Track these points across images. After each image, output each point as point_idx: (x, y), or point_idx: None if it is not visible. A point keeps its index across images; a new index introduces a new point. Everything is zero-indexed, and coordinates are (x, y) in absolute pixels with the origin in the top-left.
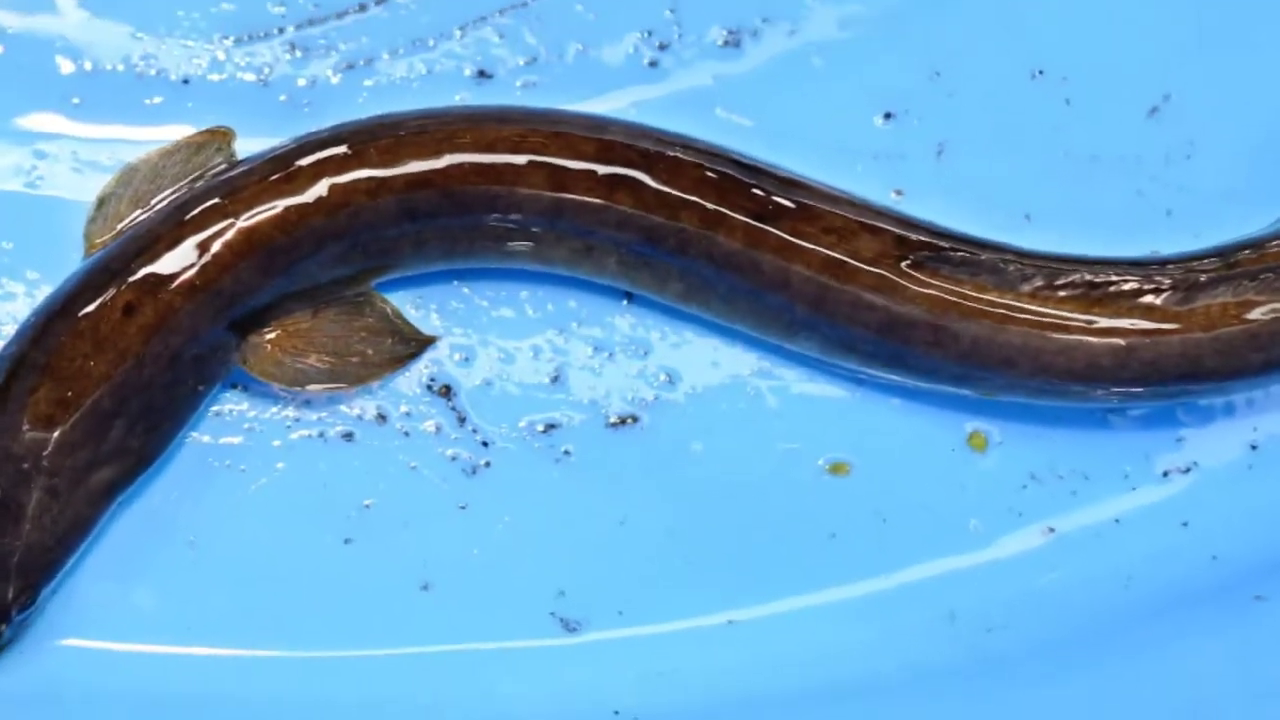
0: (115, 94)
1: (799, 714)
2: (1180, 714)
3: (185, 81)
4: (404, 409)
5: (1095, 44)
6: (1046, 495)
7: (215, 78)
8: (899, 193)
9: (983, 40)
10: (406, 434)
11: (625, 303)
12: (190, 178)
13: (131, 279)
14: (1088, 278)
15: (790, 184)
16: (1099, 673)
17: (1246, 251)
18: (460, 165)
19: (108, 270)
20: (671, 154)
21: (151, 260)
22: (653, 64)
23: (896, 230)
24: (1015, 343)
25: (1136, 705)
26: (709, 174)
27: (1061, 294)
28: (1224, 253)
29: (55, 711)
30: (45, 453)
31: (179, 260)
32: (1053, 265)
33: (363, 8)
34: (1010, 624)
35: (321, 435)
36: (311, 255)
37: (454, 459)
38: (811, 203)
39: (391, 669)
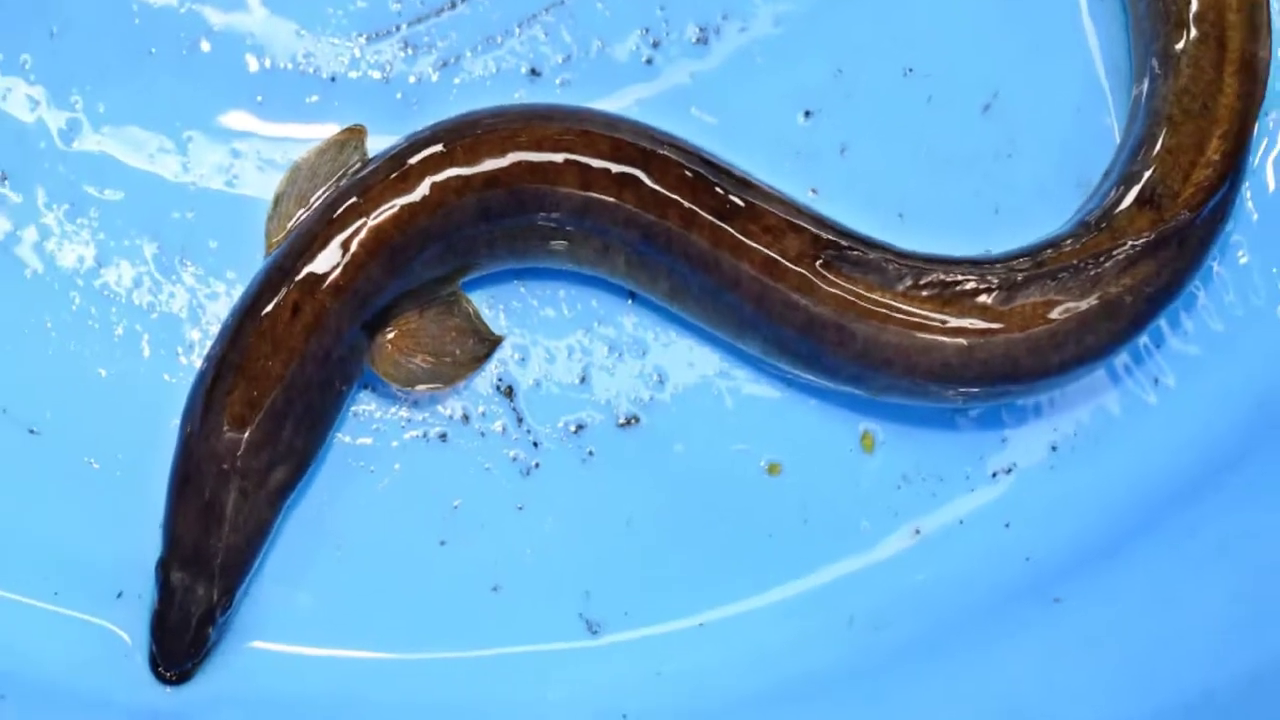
0: (286, 92)
1: (753, 716)
2: (997, 715)
3: (333, 79)
4: (481, 409)
5: (946, 41)
6: (914, 496)
7: (354, 75)
8: (814, 191)
9: (870, 37)
10: (483, 434)
11: (630, 302)
12: (337, 175)
13: (297, 278)
14: (941, 277)
15: (742, 183)
16: (946, 671)
17: (1049, 250)
18: (519, 163)
19: (281, 270)
20: (661, 152)
21: (310, 260)
22: (649, 61)
23: (812, 229)
24: (892, 341)
25: (970, 705)
26: (686, 173)
27: (924, 293)
28: (1034, 252)
29: (246, 713)
30: (239, 453)
31: (328, 260)
32: (919, 265)
33: (453, 4)
34: (892, 623)
35: (424, 435)
36: (419, 254)
37: (515, 460)
38: (755, 201)
39: (466, 671)
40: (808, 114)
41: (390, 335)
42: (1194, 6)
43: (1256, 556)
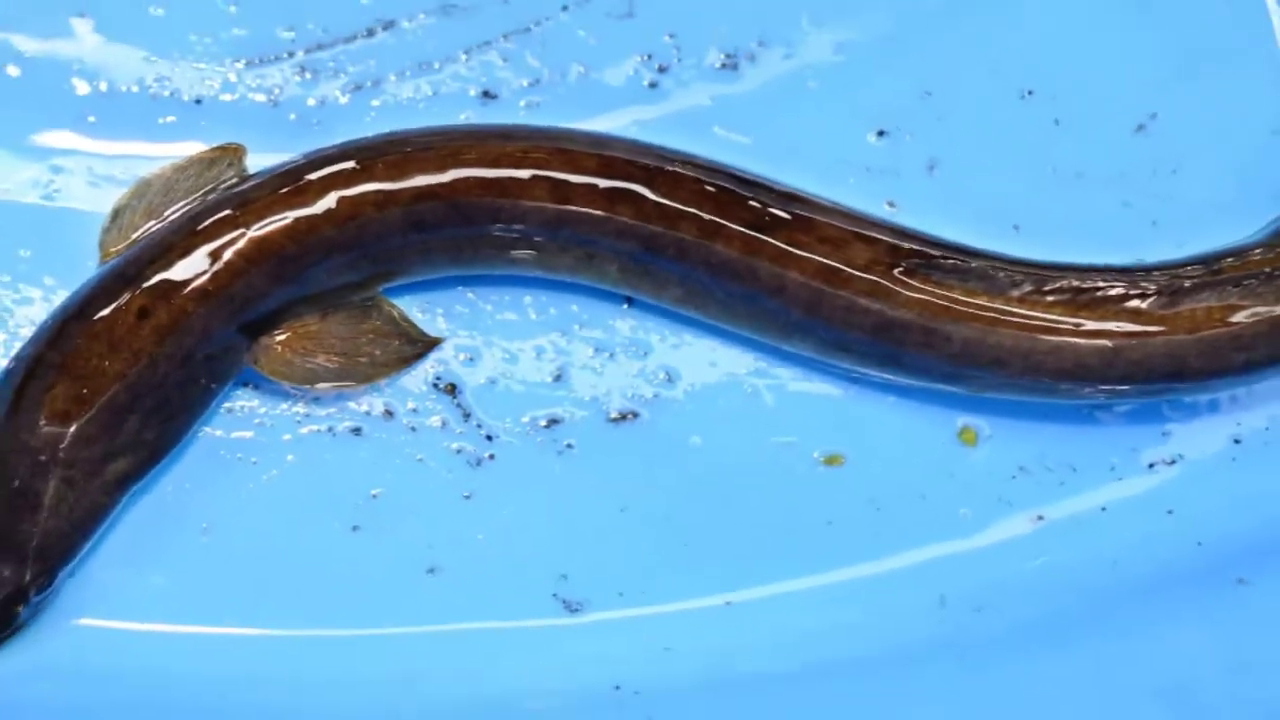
0: (130, 113)
1: (793, 691)
2: (1164, 691)
3: (198, 101)
4: (410, 405)
5: (1083, 65)
6: (1035, 485)
7: (227, 98)
8: (892, 204)
9: (973, 62)
10: (413, 429)
11: (625, 307)
12: (202, 191)
13: (146, 284)
14: (1075, 284)
15: (787, 197)
16: (1085, 652)
17: (1230, 259)
18: (465, 179)
19: (122, 276)
20: (671, 169)
21: (165, 267)
22: (653, 85)
23: (889, 239)
24: (1006, 344)
25: (1121, 682)
26: (707, 187)
27: (1050, 299)
28: (1208, 260)
29: (69, 687)
30: (62, 445)
31: (191, 267)
32: (1041, 272)
33: (370, 33)
34: (999, 605)
35: (330, 430)
36: (320, 263)
37: (459, 452)
38: (807, 214)
39: (397, 648)
40: (881, 134)
41: (281, 337)
42: None
43: None
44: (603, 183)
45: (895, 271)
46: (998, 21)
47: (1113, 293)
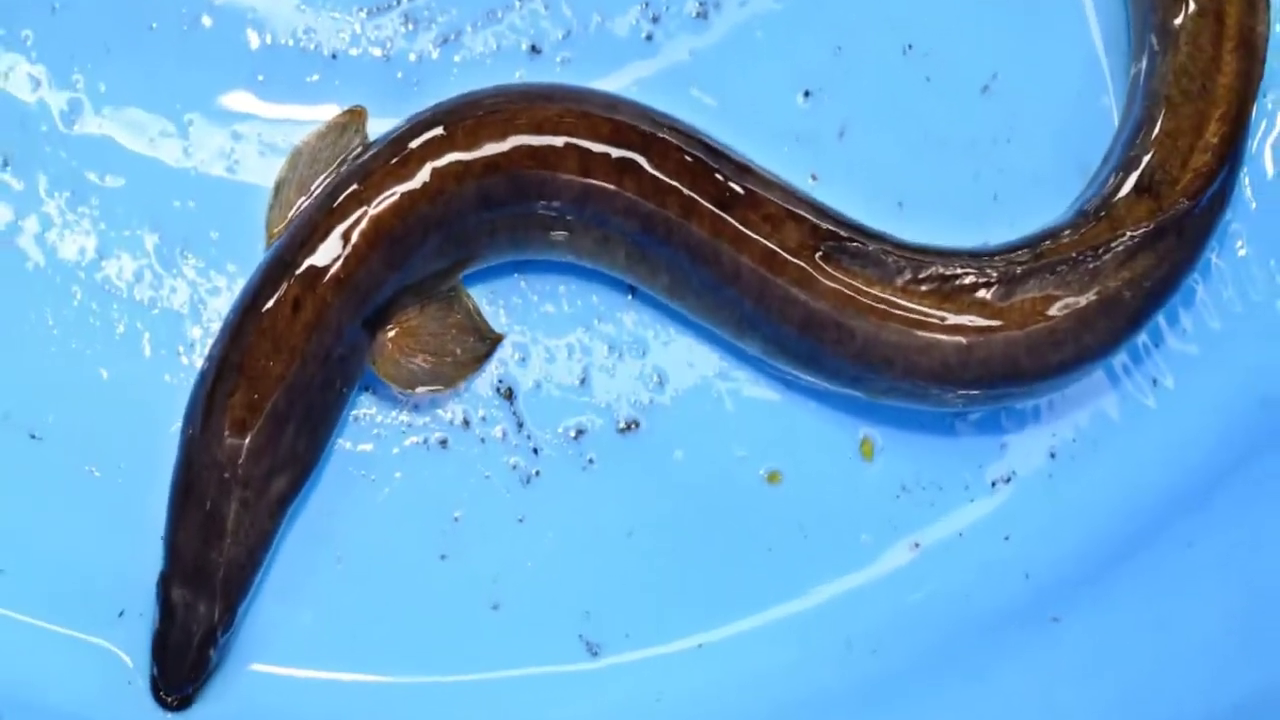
0: (287, 70)
1: None
2: None
3: (334, 57)
4: (481, 413)
5: (947, 17)
6: (913, 506)
7: (354, 52)
8: (815, 177)
9: (870, 13)
10: (483, 440)
11: (629, 298)
12: (338, 160)
13: (298, 272)
14: (940, 270)
15: (742, 169)
16: (945, 693)
17: (1047, 242)
18: (519, 148)
19: (282, 262)
20: (661, 136)
21: (310, 252)
22: (649, 37)
23: (812, 219)
24: (892, 340)
25: None
26: (686, 158)
27: (923, 288)
28: (1033, 243)
29: None
30: (240, 461)
31: (329, 252)
32: (917, 257)
33: None
34: (889, 645)
35: (425, 441)
36: (420, 245)
37: (515, 468)
38: (755, 189)
39: (463, 694)
40: (807, 94)
41: (391, 333)
42: None
43: (1258, 569)
44: (614, 152)
45: (817, 256)
46: None
47: (966, 281)
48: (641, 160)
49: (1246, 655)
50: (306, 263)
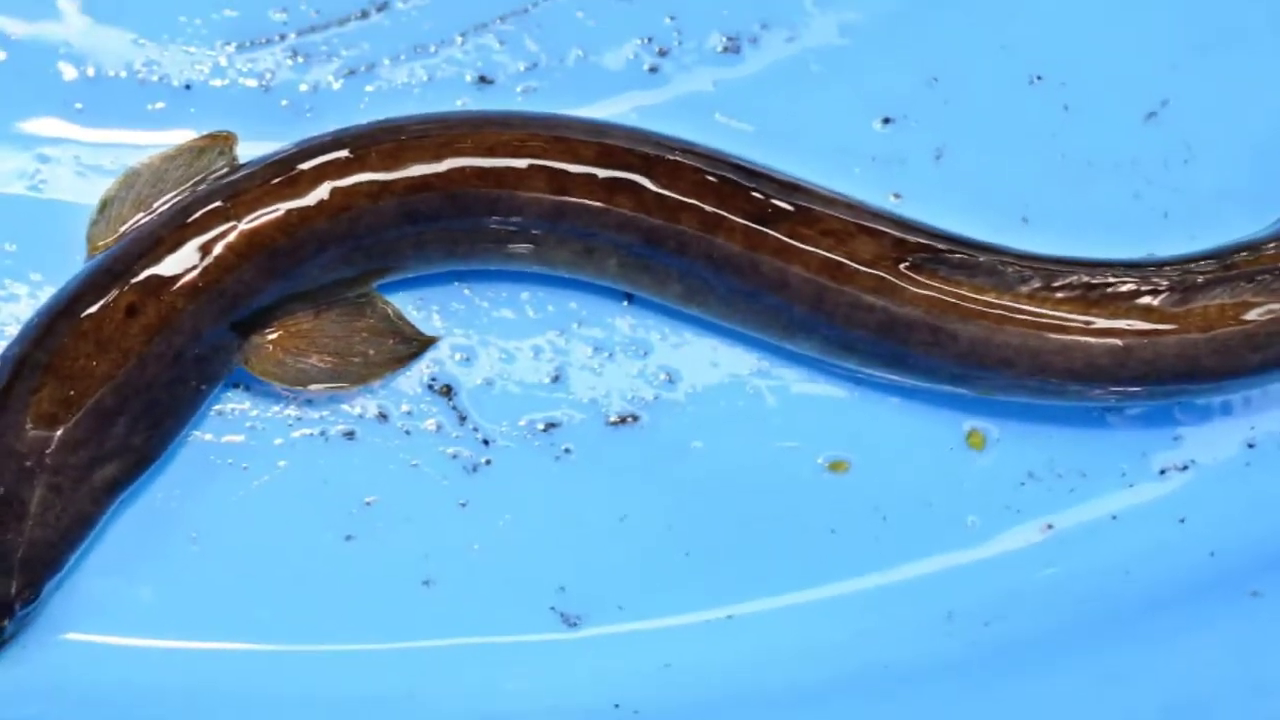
0: (118, 99)
1: (798, 708)
2: (1175, 707)
3: (187, 87)
4: (405, 408)
5: (1092, 50)
6: (1044, 492)
7: (218, 83)
8: (897, 196)
9: (980, 46)
10: (408, 432)
11: (625, 304)
12: (192, 181)
13: (134, 280)
14: (1085, 279)
15: (789, 188)
16: (1095, 664)
17: (1243, 254)
18: (461, 169)
19: (110, 272)
20: (671, 158)
21: (154, 262)
22: (653, 69)
23: (895, 233)
24: (1013, 343)
25: (1131, 698)
26: (709, 178)
27: (1059, 295)
28: (1220, 255)
29: (58, 705)
30: (48, 450)
31: (181, 262)
32: (1050, 267)
33: (364, 14)
34: (1007, 617)
35: (323, 434)
36: (313, 257)
37: (455, 457)
38: (810, 205)
39: (393, 663)
40: (887, 121)
41: (272, 335)
42: None
43: None
44: (602, 172)
45: (901, 267)
46: (1005, 4)
47: (1124, 289)
48: (643, 180)
49: None
50: (147, 271)
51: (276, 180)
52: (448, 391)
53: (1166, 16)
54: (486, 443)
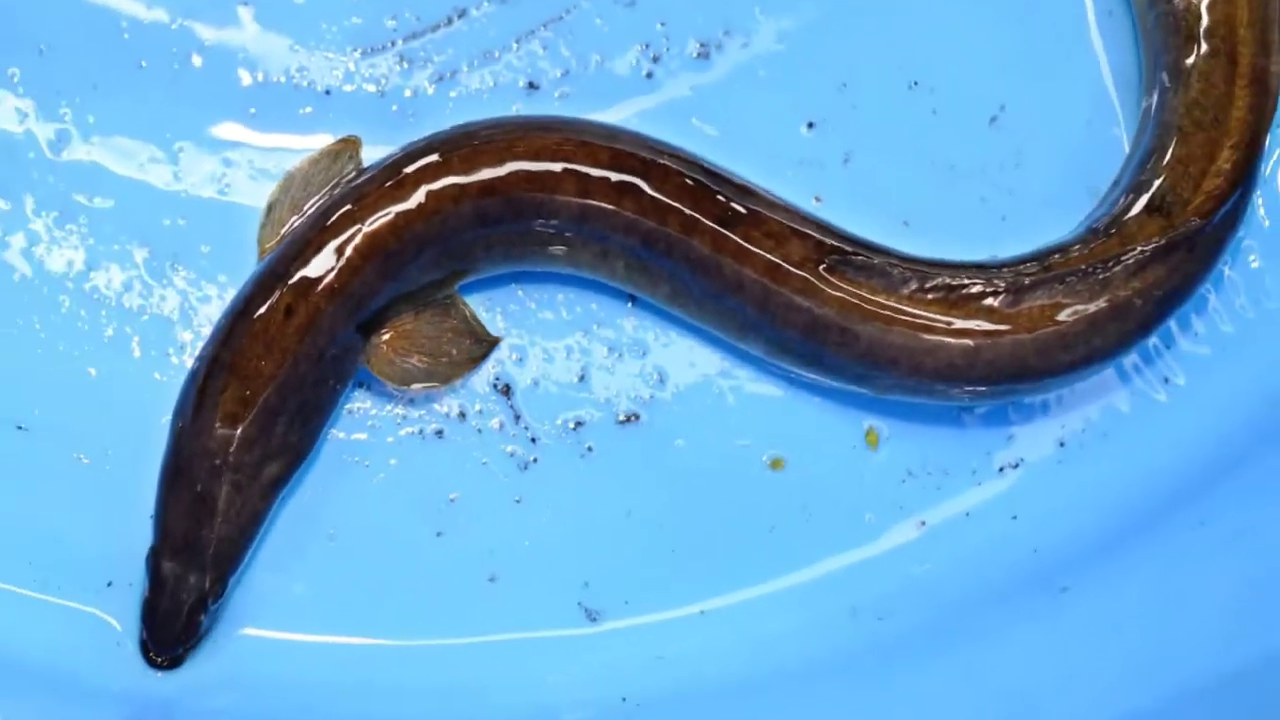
0: (279, 104)
1: (748, 700)
2: (1003, 699)
3: (327, 92)
4: (478, 407)
5: (953, 56)
6: (919, 489)
7: (348, 89)
8: (818, 199)
9: (875, 52)
10: (479, 431)
11: (630, 305)
12: (331, 184)
13: (291, 282)
14: (947, 280)
15: (744, 191)
16: (953, 659)
17: (1056, 256)
18: (517, 172)
19: (274, 274)
20: (662, 162)
21: (304, 264)
22: (649, 75)
23: (816, 235)
24: (898, 343)
25: (974, 691)
26: (688, 181)
27: (929, 296)
28: (1041, 257)
29: (252, 699)
30: (231, 449)
31: (322, 265)
32: (923, 269)
33: (449, 20)
34: (896, 612)
35: (420, 432)
36: (414, 258)
37: (512, 455)
38: (758, 209)
39: (462, 657)
40: (811, 125)
41: (386, 336)
42: (1204, 21)
43: (1263, 550)
44: (614, 176)
45: (820, 269)
46: (894, 12)
47: (973, 290)
48: (642, 183)
49: (1251, 625)
50: (299, 274)
51: (389, 184)
52: (507, 391)
53: (1003, 23)
54: (534, 441)
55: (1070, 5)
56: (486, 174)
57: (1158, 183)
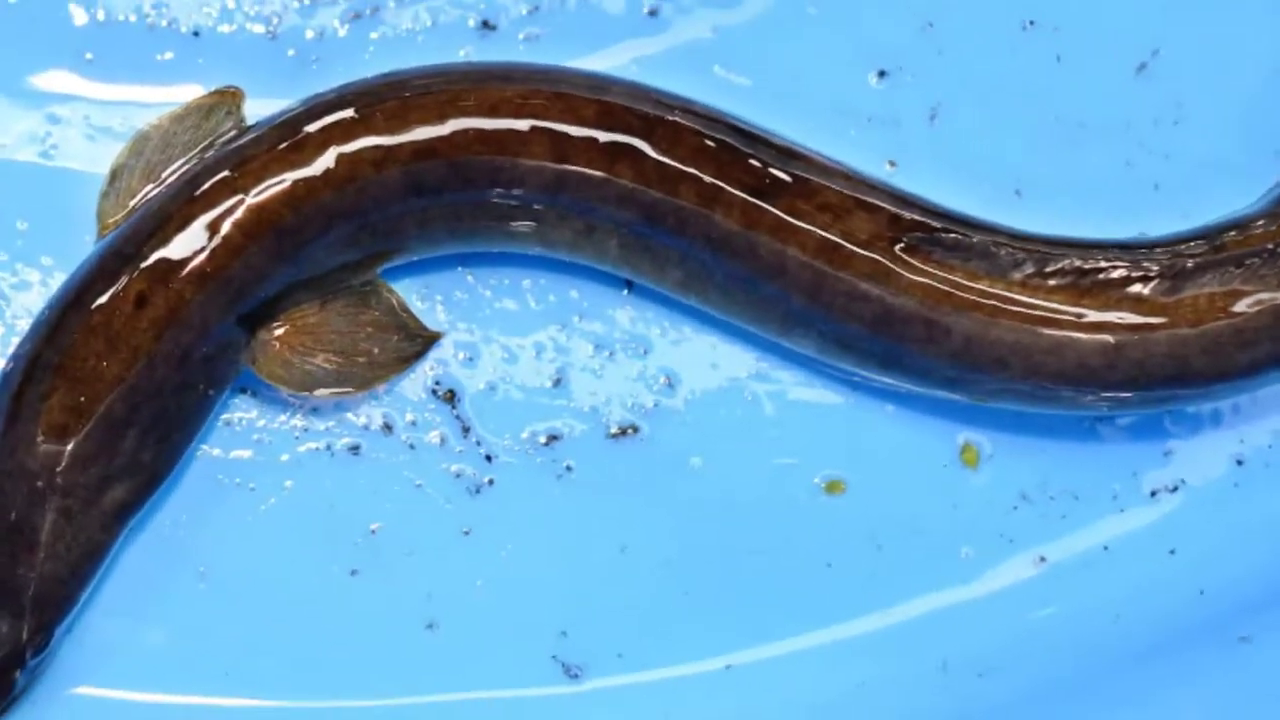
0: (127, 48)
1: None
2: None
3: (195, 34)
4: (409, 417)
5: None
6: (1037, 518)
7: (225, 29)
8: (893, 164)
9: None
10: (412, 446)
11: (625, 292)
12: (201, 146)
13: (143, 265)
14: (1077, 264)
15: (788, 154)
16: None
17: (1232, 233)
18: (465, 131)
19: (120, 255)
20: (671, 119)
21: (162, 243)
22: (652, 12)
23: (890, 208)
24: (1007, 339)
25: None
26: (708, 142)
27: (1052, 282)
28: (1210, 234)
29: None
30: (59, 468)
31: (190, 243)
32: (1043, 250)
33: None
34: (1001, 668)
35: (329, 448)
36: (320, 237)
37: (458, 476)
38: (808, 176)
39: (399, 717)
40: (882, 74)
41: (279, 331)
42: None
43: None
44: (603, 136)
45: (897, 249)
46: None
47: (1115, 275)
48: (643, 145)
49: None
50: (156, 255)
51: (283, 145)
52: (451, 397)
53: None
54: (489, 459)
55: None
56: (422, 133)
57: None
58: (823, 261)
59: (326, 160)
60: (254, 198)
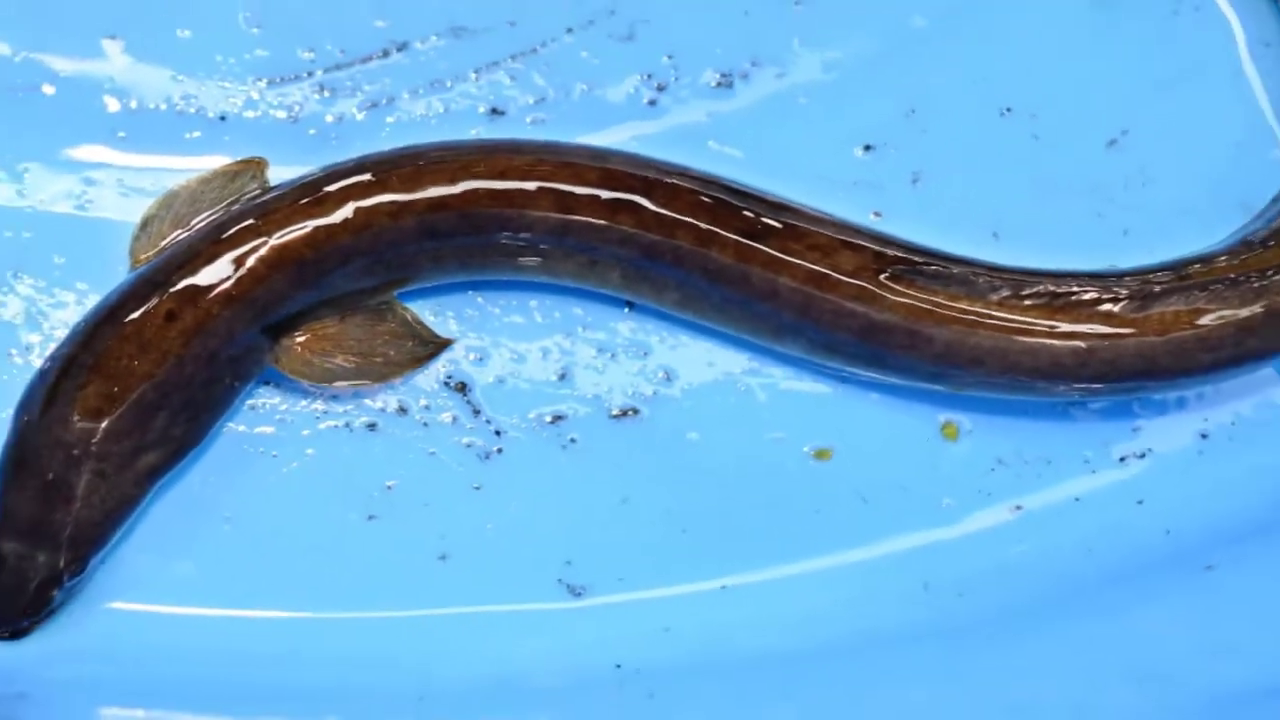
0: (158, 129)
1: (786, 670)
2: (1138, 674)
3: (222, 118)
4: (423, 403)
5: (1058, 84)
6: (1013, 477)
7: (250, 115)
8: (877, 214)
9: (954, 81)
10: (425, 425)
11: (626, 310)
12: (227, 202)
13: (173, 289)
14: (1050, 288)
15: (778, 207)
16: (1062, 635)
17: (1197, 265)
18: (475, 190)
19: (151, 282)
20: (669, 181)
21: (191, 273)
22: (651, 103)
23: (874, 247)
24: (985, 344)
25: (1097, 666)
26: (703, 198)
27: (1027, 303)
28: (1176, 266)
29: (103, 669)
30: (94, 440)
31: (216, 273)
32: (1019, 278)
33: (385, 54)
34: (980, 590)
35: (347, 425)
36: (338, 269)
37: (469, 446)
38: (797, 223)
39: (413, 629)
40: (868, 148)
41: (301, 339)
42: None
43: None
44: (605, 194)
45: (881, 277)
46: (978, 43)
47: (1086, 297)
48: (643, 201)
49: None
50: (185, 281)
51: (305, 200)
52: (462, 388)
53: (1127, 53)
54: (499, 433)
55: (1216, 36)
56: (435, 192)
57: None
58: (811, 287)
59: (345, 212)
60: (277, 239)
